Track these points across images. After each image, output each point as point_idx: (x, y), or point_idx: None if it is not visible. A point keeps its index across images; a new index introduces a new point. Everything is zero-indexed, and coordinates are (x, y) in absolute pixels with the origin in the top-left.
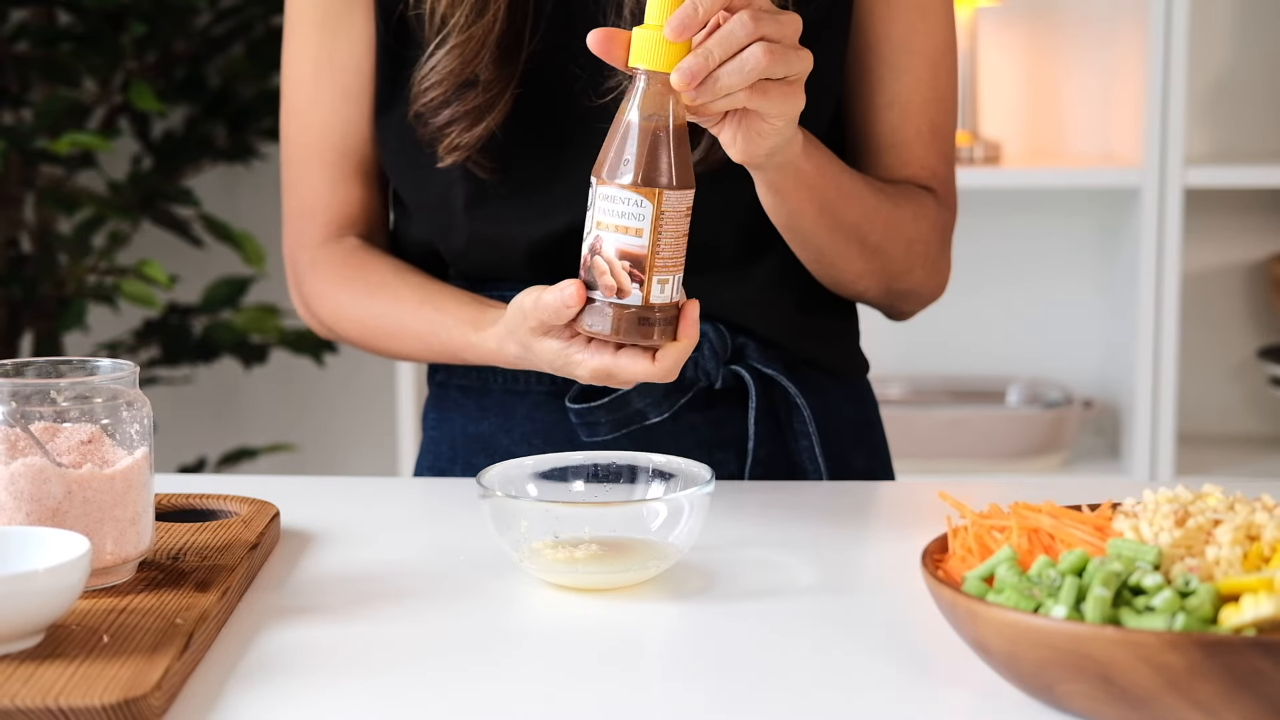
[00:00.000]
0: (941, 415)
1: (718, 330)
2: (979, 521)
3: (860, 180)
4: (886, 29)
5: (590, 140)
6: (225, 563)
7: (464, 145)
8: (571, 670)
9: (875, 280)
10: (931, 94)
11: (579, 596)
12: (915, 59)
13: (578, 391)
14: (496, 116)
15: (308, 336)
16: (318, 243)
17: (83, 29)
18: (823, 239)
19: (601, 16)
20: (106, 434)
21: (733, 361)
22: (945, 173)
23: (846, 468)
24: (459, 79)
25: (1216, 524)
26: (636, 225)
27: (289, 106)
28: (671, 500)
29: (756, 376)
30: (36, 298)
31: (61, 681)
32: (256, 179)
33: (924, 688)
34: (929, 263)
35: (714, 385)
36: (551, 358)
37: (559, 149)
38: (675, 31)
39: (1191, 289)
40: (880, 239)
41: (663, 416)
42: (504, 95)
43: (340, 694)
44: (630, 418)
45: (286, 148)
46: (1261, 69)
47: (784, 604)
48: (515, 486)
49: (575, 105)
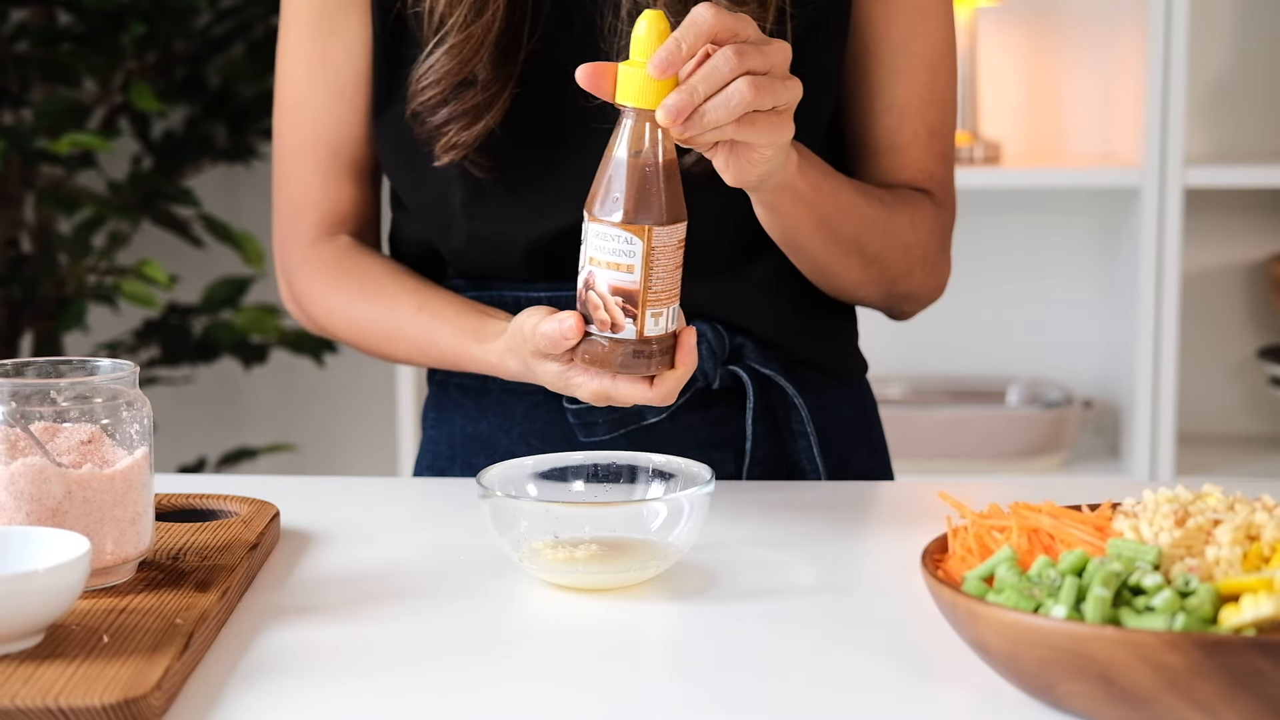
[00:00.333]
0: (941, 415)
1: (715, 330)
2: (979, 521)
3: (857, 190)
4: (885, 31)
5: (588, 140)
6: (225, 563)
7: (461, 144)
8: (571, 670)
9: (875, 287)
10: (930, 96)
11: (579, 596)
12: (914, 61)
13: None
14: (495, 116)
15: (308, 336)
16: (309, 241)
17: (83, 29)
18: (820, 251)
19: (599, 16)
20: (106, 434)
21: (730, 362)
22: (943, 175)
23: (845, 468)
24: (457, 78)
25: (1216, 524)
26: (628, 262)
27: (281, 105)
28: (671, 500)
29: (754, 376)
30: (36, 298)
31: (61, 681)
32: (256, 179)
33: (924, 688)
34: (928, 265)
35: (712, 385)
36: (551, 379)
37: (556, 148)
38: (659, 69)
39: (1191, 289)
40: (878, 247)
41: (660, 417)
42: (502, 94)
43: (340, 694)
44: (628, 418)
45: (278, 144)
46: (1261, 69)
47: (784, 604)
48: (515, 486)
49: (573, 104)
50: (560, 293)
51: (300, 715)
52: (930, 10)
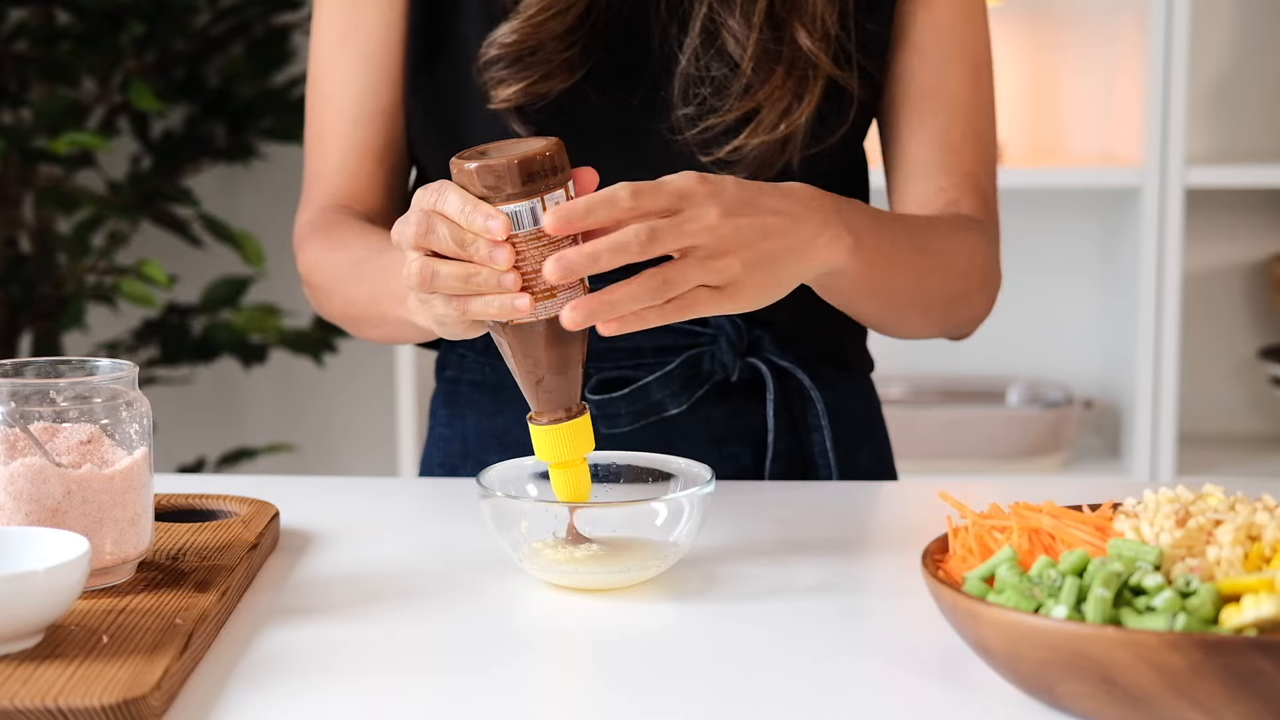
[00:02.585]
0: (941, 415)
1: (734, 323)
2: (979, 521)
3: (911, 242)
4: (935, 35)
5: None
6: (225, 563)
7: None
8: (571, 670)
9: (935, 326)
10: (976, 99)
11: (579, 597)
12: (958, 66)
13: (597, 383)
14: (576, 73)
15: (308, 336)
16: (318, 207)
17: (82, 29)
18: (879, 312)
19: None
20: (106, 434)
21: (748, 354)
22: (988, 184)
23: (854, 464)
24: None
25: (1217, 524)
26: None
27: (312, 76)
28: (672, 500)
29: (773, 369)
30: (36, 298)
31: (61, 682)
32: (256, 179)
33: (924, 688)
34: (985, 288)
35: (730, 377)
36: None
37: (608, 132)
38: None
39: (1192, 289)
40: (936, 292)
41: (681, 408)
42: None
43: (340, 694)
44: (649, 409)
45: (307, 115)
46: (1261, 69)
47: (784, 604)
48: (515, 486)
49: (640, 91)
50: None
51: (300, 715)
52: (973, 14)
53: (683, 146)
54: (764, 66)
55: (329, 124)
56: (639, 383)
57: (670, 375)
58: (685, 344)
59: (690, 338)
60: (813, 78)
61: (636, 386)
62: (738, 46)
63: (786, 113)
